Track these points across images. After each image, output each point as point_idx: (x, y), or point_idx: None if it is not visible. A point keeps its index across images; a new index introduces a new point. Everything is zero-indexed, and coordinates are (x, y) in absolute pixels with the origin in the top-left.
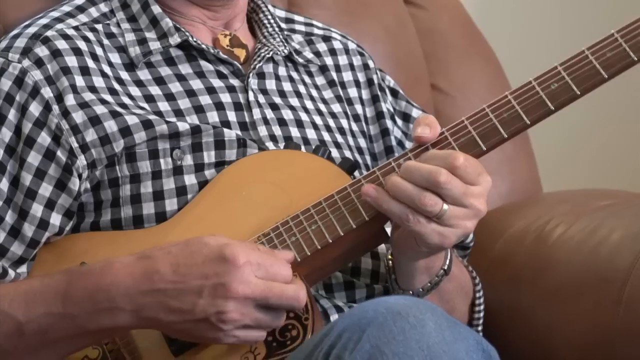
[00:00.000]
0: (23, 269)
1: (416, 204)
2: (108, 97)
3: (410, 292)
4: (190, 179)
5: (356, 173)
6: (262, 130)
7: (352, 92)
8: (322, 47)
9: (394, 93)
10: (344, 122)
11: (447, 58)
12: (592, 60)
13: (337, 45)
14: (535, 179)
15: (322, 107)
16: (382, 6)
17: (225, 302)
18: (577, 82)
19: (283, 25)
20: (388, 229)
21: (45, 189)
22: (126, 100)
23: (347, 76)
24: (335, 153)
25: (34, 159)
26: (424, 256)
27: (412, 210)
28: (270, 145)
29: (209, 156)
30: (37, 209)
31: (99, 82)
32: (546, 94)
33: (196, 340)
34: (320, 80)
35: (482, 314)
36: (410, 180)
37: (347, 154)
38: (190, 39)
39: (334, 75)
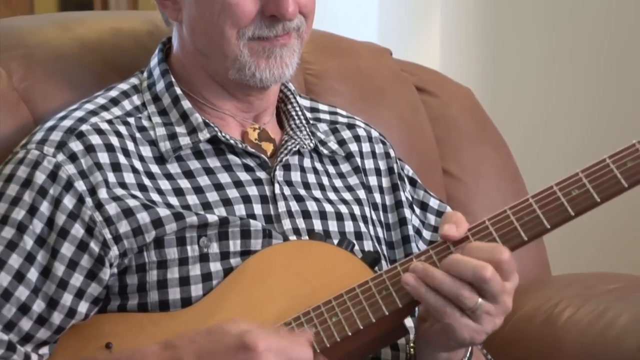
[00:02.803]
0: (45, 350)
1: (454, 295)
2: (138, 193)
3: None
4: (215, 266)
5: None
6: (287, 224)
7: (373, 180)
8: (346, 134)
9: (413, 182)
10: (366, 210)
11: (459, 144)
12: (614, 169)
13: (361, 132)
14: (544, 261)
15: (347, 195)
16: (396, 93)
17: None
18: (598, 190)
19: (308, 115)
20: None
21: (77, 279)
22: (155, 196)
23: (369, 164)
24: (356, 245)
25: (67, 250)
26: (450, 350)
27: (449, 302)
28: (293, 238)
29: (235, 245)
30: (67, 299)
31: (129, 177)
32: (567, 200)
33: None
34: (345, 167)
35: None
36: (454, 272)
37: (368, 244)
38: (219, 134)
39: (358, 161)
